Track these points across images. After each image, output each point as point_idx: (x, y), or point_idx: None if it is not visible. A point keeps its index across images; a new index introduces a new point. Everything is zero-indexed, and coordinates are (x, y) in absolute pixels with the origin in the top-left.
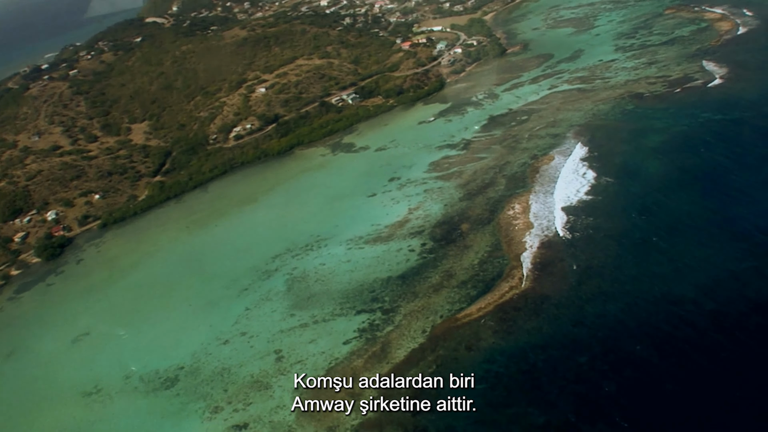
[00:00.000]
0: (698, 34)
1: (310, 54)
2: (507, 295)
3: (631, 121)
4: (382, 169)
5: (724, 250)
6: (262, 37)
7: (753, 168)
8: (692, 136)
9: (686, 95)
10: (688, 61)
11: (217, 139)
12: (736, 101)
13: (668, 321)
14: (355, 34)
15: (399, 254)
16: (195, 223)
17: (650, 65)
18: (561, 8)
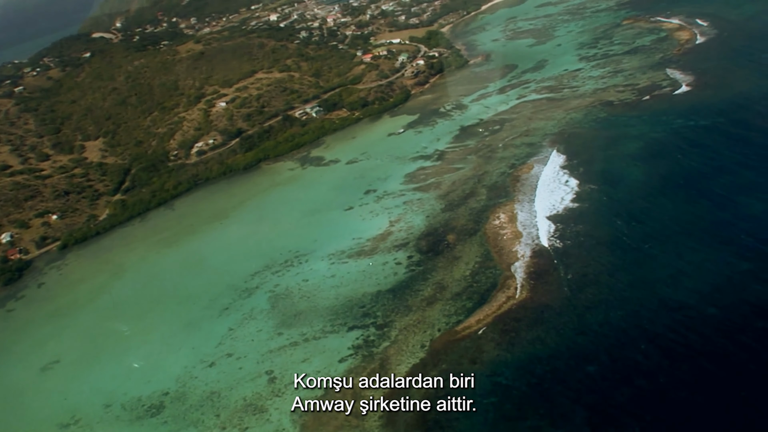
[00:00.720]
0: (659, 43)
1: (270, 67)
2: (505, 306)
3: (605, 129)
4: (356, 182)
5: (716, 255)
6: (219, 51)
7: (732, 173)
8: (669, 143)
9: (656, 102)
10: (653, 69)
11: (178, 155)
12: (706, 108)
13: (672, 328)
14: (314, 47)
15: (386, 268)
16: (163, 242)
17: (616, 74)
18: (518, 20)
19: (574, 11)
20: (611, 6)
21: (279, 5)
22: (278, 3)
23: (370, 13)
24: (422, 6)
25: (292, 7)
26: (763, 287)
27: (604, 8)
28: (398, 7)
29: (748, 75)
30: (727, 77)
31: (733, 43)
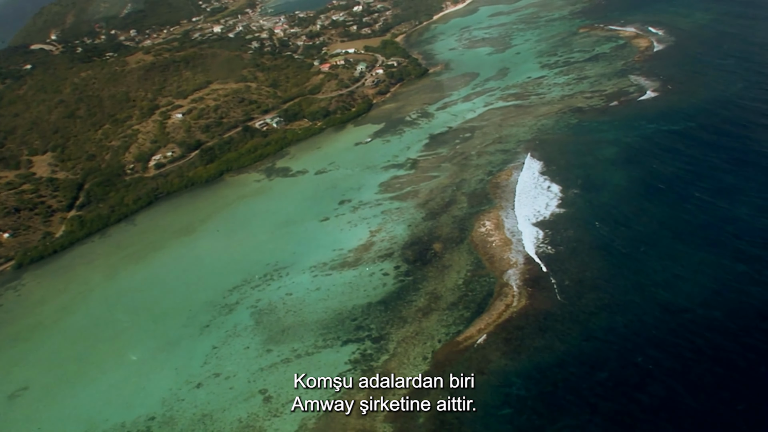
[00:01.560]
0: (618, 50)
1: (225, 78)
2: (505, 314)
3: (579, 134)
4: (328, 193)
5: (709, 258)
6: (171, 62)
7: (709, 177)
8: (644, 148)
9: (626, 108)
10: (617, 76)
11: (134, 168)
12: (675, 113)
13: (679, 332)
14: (269, 58)
15: (373, 279)
16: (129, 259)
17: (581, 81)
18: (473, 29)
19: (528, 20)
20: (565, 15)
21: (222, 17)
22: (220, 15)
23: (321, 24)
24: (373, 16)
25: (236, 19)
26: (763, 289)
27: (557, 17)
28: (349, 17)
29: (710, 81)
30: (691, 83)
31: (690, 50)
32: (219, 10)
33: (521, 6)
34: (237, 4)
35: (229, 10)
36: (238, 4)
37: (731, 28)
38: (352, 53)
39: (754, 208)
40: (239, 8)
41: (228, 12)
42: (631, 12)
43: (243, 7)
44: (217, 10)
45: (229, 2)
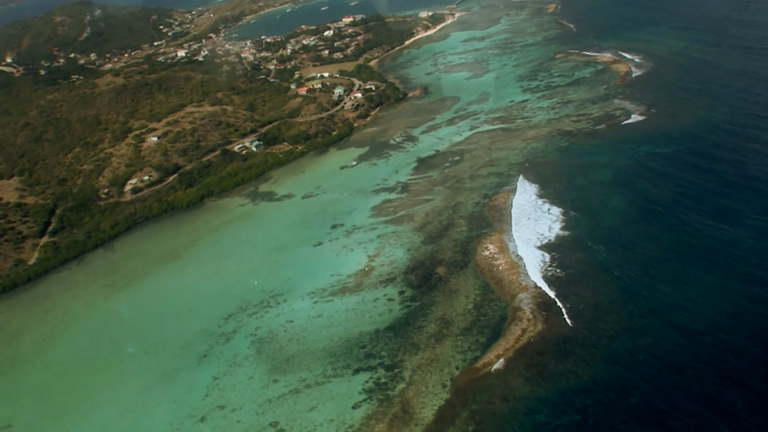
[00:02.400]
0: (599, 75)
1: (200, 101)
2: (522, 339)
3: (572, 157)
4: (318, 217)
5: (722, 281)
6: (143, 84)
7: (705, 200)
8: (639, 171)
9: (615, 132)
10: (601, 100)
11: (110, 193)
12: (665, 137)
13: (703, 356)
14: (244, 81)
15: (377, 305)
16: (112, 286)
17: (566, 104)
18: (447, 54)
19: (503, 46)
20: (539, 41)
21: (184, 41)
22: (183, 40)
23: (291, 48)
24: (345, 41)
25: (200, 44)
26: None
27: (532, 43)
28: (320, 41)
29: (693, 106)
30: (675, 108)
31: (669, 76)
32: (181, 35)
33: (494, 32)
34: (199, 30)
35: (191, 35)
36: (201, 30)
37: (705, 55)
38: (328, 77)
39: (755, 230)
40: (202, 33)
41: (190, 37)
42: (605, 39)
43: (206, 32)
44: (179, 34)
45: (190, 27)
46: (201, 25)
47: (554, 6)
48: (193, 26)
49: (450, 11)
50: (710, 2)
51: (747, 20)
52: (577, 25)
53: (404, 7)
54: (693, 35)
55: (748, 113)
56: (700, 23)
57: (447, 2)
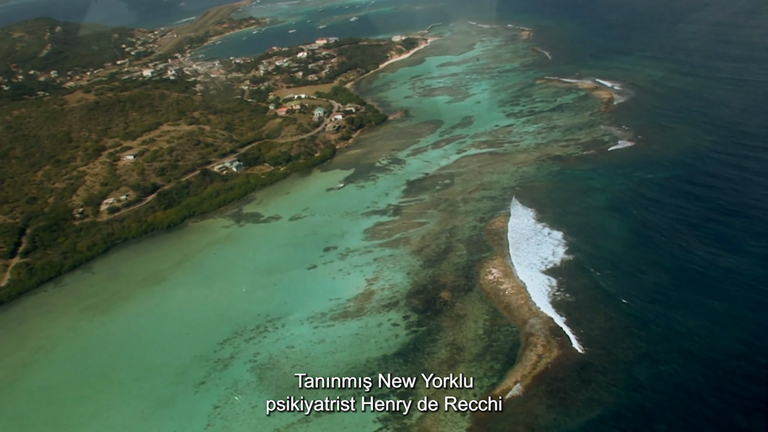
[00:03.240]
0: (581, 101)
1: (176, 119)
2: (540, 365)
3: (566, 182)
4: (309, 239)
5: (732, 306)
6: (116, 101)
7: (704, 227)
8: (636, 196)
9: (605, 157)
10: (587, 126)
11: (84, 212)
12: (656, 163)
13: (728, 380)
14: (220, 100)
15: (382, 330)
16: (94, 309)
17: (552, 130)
18: (424, 78)
19: (480, 71)
20: (516, 67)
21: (149, 61)
22: (147, 59)
23: (264, 69)
24: (319, 63)
25: (166, 63)
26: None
27: (509, 69)
28: (294, 63)
29: (680, 134)
30: (662, 135)
31: (651, 103)
32: (144, 54)
33: (469, 57)
34: (163, 49)
35: (155, 54)
36: (165, 49)
37: (683, 85)
38: (306, 98)
39: (757, 257)
40: (167, 53)
41: (155, 56)
42: (582, 67)
43: (171, 52)
44: (142, 54)
45: (154, 47)
46: (164, 45)
47: (527, 33)
48: (156, 46)
49: (422, 36)
50: (680, 35)
51: (719, 52)
52: (551, 52)
53: (375, 32)
54: (668, 65)
55: (735, 142)
56: (672, 54)
57: (417, 27)
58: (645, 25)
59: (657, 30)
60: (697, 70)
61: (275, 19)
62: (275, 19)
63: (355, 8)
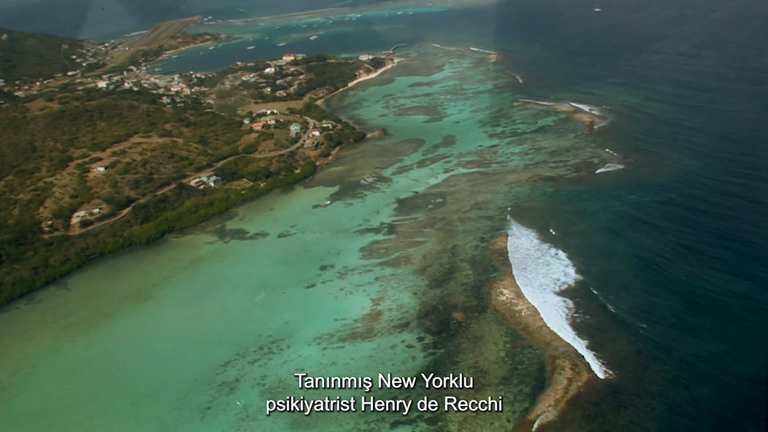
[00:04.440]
0: (563, 124)
1: (147, 131)
2: (571, 389)
3: (562, 203)
4: (303, 257)
5: (755, 328)
6: (83, 111)
7: (707, 252)
8: (637, 218)
9: (598, 179)
10: (574, 148)
11: (54, 225)
12: (650, 186)
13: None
14: (192, 113)
15: (397, 351)
16: (75, 328)
17: (538, 151)
18: (397, 98)
19: (454, 92)
20: (490, 89)
21: (102, 72)
22: (100, 71)
23: (230, 84)
24: (287, 79)
25: (122, 75)
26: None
27: (484, 90)
28: (261, 78)
29: (668, 158)
30: (649, 159)
31: (632, 129)
32: (96, 66)
33: (440, 78)
34: (117, 62)
35: (108, 66)
36: (118, 62)
37: (660, 112)
38: (279, 114)
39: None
40: (122, 65)
41: (108, 68)
42: (556, 90)
43: (126, 64)
44: (94, 65)
45: (106, 59)
46: (117, 57)
47: (495, 56)
48: (108, 58)
49: (387, 56)
50: (646, 64)
51: (687, 81)
52: (522, 75)
53: (337, 51)
54: (641, 93)
55: (722, 168)
56: (642, 82)
57: (380, 48)
58: (609, 53)
59: (622, 58)
60: (670, 98)
61: (231, 35)
62: (231, 36)
63: (313, 27)
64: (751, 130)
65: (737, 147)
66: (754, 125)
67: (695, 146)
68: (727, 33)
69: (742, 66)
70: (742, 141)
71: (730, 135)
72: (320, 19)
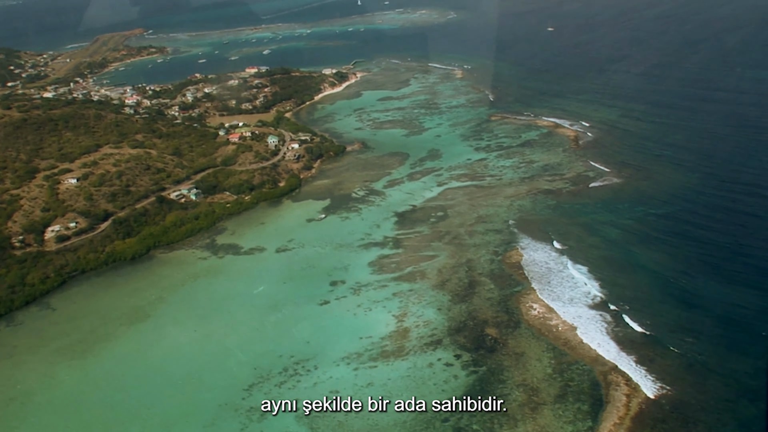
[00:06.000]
0: (547, 138)
1: (118, 142)
2: (632, 406)
3: (568, 216)
4: (308, 273)
5: None
6: (47, 120)
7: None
8: (646, 230)
9: (598, 192)
10: (567, 161)
11: (26, 240)
12: (651, 198)
13: None
14: (165, 123)
15: (435, 370)
16: (68, 352)
17: (530, 164)
18: (369, 111)
19: (427, 106)
20: (463, 103)
21: (45, 84)
22: (43, 82)
23: (192, 95)
24: (252, 92)
25: (68, 87)
26: None
27: (456, 105)
28: (225, 90)
29: (659, 172)
30: (644, 172)
31: (618, 143)
32: (38, 77)
33: (409, 93)
34: (59, 73)
35: (51, 78)
36: (61, 73)
37: (639, 129)
38: (253, 126)
39: None
40: (66, 77)
41: (51, 80)
42: (530, 107)
43: (70, 76)
44: (35, 77)
45: (47, 71)
46: (59, 69)
47: (461, 73)
48: (49, 69)
49: (348, 71)
50: (612, 83)
51: (658, 100)
52: (491, 91)
53: (292, 65)
54: (616, 110)
55: (718, 183)
56: (614, 99)
57: (335, 63)
58: (572, 72)
59: (586, 77)
60: (646, 116)
61: (177, 48)
62: (178, 49)
63: (263, 42)
64: (734, 147)
65: (725, 164)
66: (734, 143)
67: (684, 162)
68: (683, 54)
69: (708, 86)
70: (728, 158)
71: (714, 152)
72: (269, 34)
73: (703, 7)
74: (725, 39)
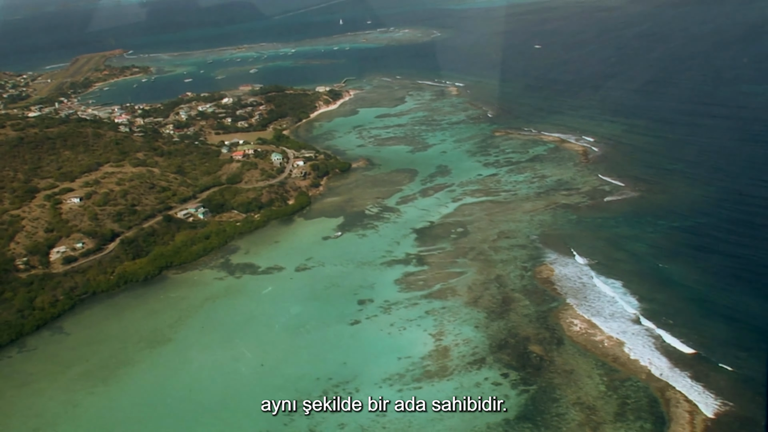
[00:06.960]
0: (556, 153)
1: (119, 160)
2: (698, 424)
3: (591, 230)
4: (333, 292)
5: None
6: (45, 138)
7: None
8: (674, 243)
9: (617, 206)
10: (579, 175)
11: (30, 262)
12: (672, 212)
13: None
14: (165, 141)
15: (483, 390)
16: (88, 378)
17: (543, 179)
18: (369, 128)
19: (427, 123)
20: (463, 120)
21: (29, 104)
22: (26, 102)
23: (186, 114)
24: (247, 110)
25: (53, 107)
26: None
27: (456, 121)
28: (219, 109)
29: (673, 185)
30: (659, 186)
31: (627, 158)
32: (19, 97)
33: (406, 110)
34: (42, 93)
35: (34, 98)
36: (44, 94)
37: (645, 143)
38: (254, 144)
39: None
40: (50, 97)
41: (34, 100)
42: (531, 122)
43: (54, 96)
44: (17, 97)
45: (28, 91)
46: (40, 89)
47: (456, 89)
48: (30, 90)
49: (341, 89)
50: (610, 99)
51: (660, 116)
52: (489, 108)
53: (282, 83)
54: (619, 125)
55: (736, 197)
56: (615, 115)
57: (327, 81)
58: (566, 89)
59: (581, 94)
60: (649, 132)
61: (161, 68)
62: (161, 69)
63: (249, 61)
64: (745, 161)
65: (739, 178)
66: (744, 157)
67: (697, 176)
68: (676, 71)
69: (706, 101)
70: (740, 172)
71: (725, 166)
72: (253, 53)
73: (684, 26)
74: (714, 56)
